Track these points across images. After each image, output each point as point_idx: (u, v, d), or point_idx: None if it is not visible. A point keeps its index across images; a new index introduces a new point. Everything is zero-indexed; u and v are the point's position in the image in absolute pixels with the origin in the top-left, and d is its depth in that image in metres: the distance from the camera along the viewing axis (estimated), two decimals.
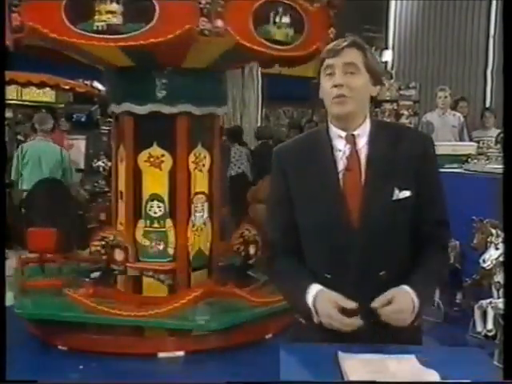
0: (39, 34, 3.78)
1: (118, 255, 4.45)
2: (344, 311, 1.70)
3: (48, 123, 6.47)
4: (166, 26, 3.72)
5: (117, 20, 3.69)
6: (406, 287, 1.74)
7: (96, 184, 7.55)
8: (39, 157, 6.21)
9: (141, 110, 4.39)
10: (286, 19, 4.06)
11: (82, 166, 7.74)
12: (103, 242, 4.47)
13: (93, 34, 3.73)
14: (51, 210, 5.83)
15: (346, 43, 1.80)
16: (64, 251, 5.18)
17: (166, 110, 4.38)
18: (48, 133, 6.44)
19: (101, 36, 3.73)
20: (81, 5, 3.77)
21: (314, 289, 1.77)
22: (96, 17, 3.70)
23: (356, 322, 1.69)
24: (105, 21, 3.69)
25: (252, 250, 4.69)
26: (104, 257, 4.48)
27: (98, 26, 3.71)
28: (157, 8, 3.71)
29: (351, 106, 1.80)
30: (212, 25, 3.68)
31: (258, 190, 5.24)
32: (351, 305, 1.70)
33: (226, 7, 3.77)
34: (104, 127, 8.33)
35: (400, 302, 1.70)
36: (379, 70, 1.89)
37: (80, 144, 8.09)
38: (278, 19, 4.03)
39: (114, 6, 3.68)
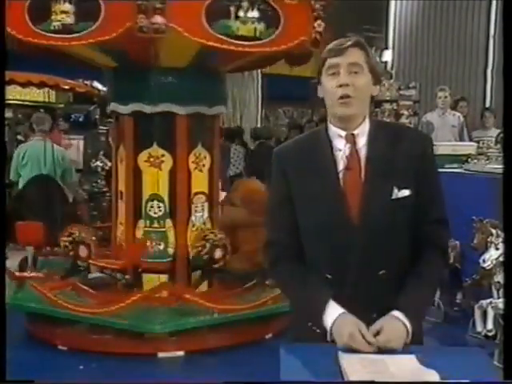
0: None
1: (82, 251, 4.50)
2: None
3: (46, 123, 6.46)
4: (109, 25, 3.79)
5: (70, 20, 3.81)
6: (395, 314, 1.74)
7: (94, 184, 7.55)
8: (38, 157, 6.21)
9: (148, 109, 4.39)
10: (252, 13, 3.89)
11: (80, 166, 7.73)
12: (70, 238, 4.52)
13: (51, 34, 3.83)
14: (41, 205, 5.84)
15: (350, 43, 1.80)
16: (52, 246, 5.18)
17: (167, 109, 4.38)
18: (46, 133, 6.44)
19: (57, 36, 3.83)
20: (40, 5, 3.86)
21: (334, 312, 1.76)
22: (52, 17, 3.82)
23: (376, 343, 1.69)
24: (60, 20, 3.81)
25: (218, 254, 4.53)
26: (71, 253, 4.54)
27: (54, 26, 3.82)
28: (102, 7, 3.78)
29: (355, 108, 1.81)
30: (149, 21, 3.66)
31: (232, 191, 5.13)
32: (371, 338, 1.69)
33: (172, 4, 3.74)
34: (102, 127, 8.33)
35: (388, 332, 1.70)
36: (379, 70, 1.90)
37: (78, 144, 8.08)
38: (241, 13, 3.88)
39: (67, 6, 3.81)
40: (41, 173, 6.18)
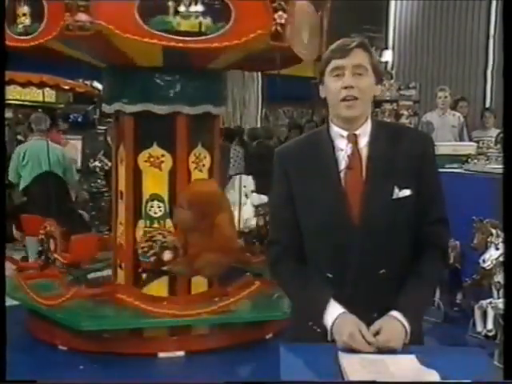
0: None
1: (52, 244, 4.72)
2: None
3: (44, 123, 6.45)
4: (49, 25, 3.83)
5: (28, 21, 3.93)
6: (394, 314, 1.75)
7: (93, 184, 7.55)
8: (38, 156, 6.20)
9: (161, 109, 4.38)
10: (196, 7, 3.78)
11: (78, 166, 7.72)
12: (43, 231, 4.79)
13: (17, 36, 3.95)
14: (50, 201, 5.85)
15: (354, 44, 1.80)
16: None
17: (166, 109, 4.38)
18: (45, 132, 6.42)
19: (21, 38, 3.96)
20: (10, 8, 3.96)
21: (335, 311, 1.77)
22: (17, 20, 3.96)
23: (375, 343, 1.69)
24: (22, 23, 3.94)
25: (168, 256, 4.44)
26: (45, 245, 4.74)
27: (20, 29, 3.96)
28: (45, 8, 3.82)
29: (360, 109, 1.82)
30: (73, 19, 3.66)
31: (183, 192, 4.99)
32: (370, 338, 1.69)
33: (102, 2, 3.73)
34: (100, 127, 8.33)
35: (387, 332, 1.71)
36: (381, 70, 1.91)
37: (77, 144, 8.07)
38: (182, 9, 3.78)
39: (25, 9, 3.93)
40: (44, 171, 6.16)
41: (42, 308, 4.41)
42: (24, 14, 3.91)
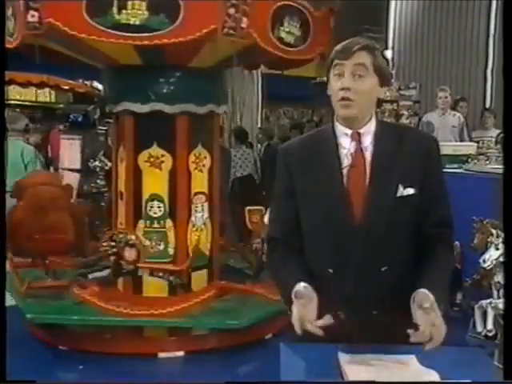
0: None
1: None
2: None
3: (19, 122, 6.40)
4: (18, 26, 3.88)
5: (12, 23, 3.97)
6: (422, 290, 1.73)
7: (93, 184, 7.53)
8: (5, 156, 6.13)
9: (170, 109, 4.38)
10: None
11: (78, 166, 7.69)
12: None
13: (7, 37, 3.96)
14: None
15: (357, 47, 1.81)
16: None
17: (166, 109, 4.38)
18: (21, 132, 6.37)
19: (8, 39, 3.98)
20: None
21: (299, 287, 1.77)
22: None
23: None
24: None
25: (129, 254, 4.43)
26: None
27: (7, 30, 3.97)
28: (15, 9, 3.88)
29: (356, 110, 1.82)
30: (26, 20, 3.73)
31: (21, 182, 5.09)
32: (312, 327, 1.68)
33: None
34: (101, 127, 8.31)
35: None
36: (387, 72, 1.90)
37: (76, 144, 8.04)
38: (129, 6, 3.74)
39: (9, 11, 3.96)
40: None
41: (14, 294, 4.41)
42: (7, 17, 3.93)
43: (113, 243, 4.35)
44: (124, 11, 3.73)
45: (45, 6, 3.72)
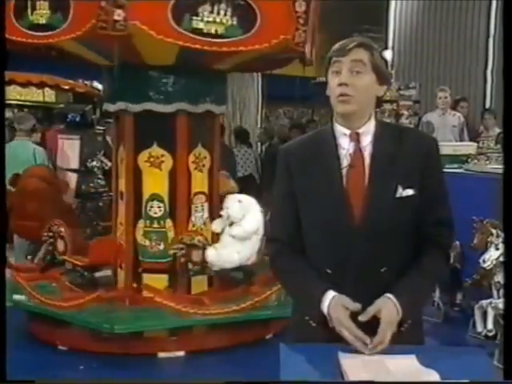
0: None
1: None
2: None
3: (27, 123, 6.40)
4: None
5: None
6: (389, 295, 1.76)
7: (91, 184, 7.52)
8: (13, 157, 6.13)
9: (163, 108, 4.39)
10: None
11: (76, 166, 7.68)
12: None
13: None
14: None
15: (354, 44, 1.81)
16: None
17: (162, 108, 4.38)
18: (28, 132, 6.37)
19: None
20: None
21: (330, 295, 1.78)
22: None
23: (365, 337, 1.70)
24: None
25: (60, 247, 4.69)
26: None
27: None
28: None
29: (354, 106, 1.82)
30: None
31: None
32: (355, 306, 1.72)
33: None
34: (99, 127, 8.31)
35: (383, 313, 1.72)
36: (385, 71, 1.90)
37: (75, 144, 8.03)
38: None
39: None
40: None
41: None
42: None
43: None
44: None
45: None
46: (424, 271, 1.84)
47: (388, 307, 1.74)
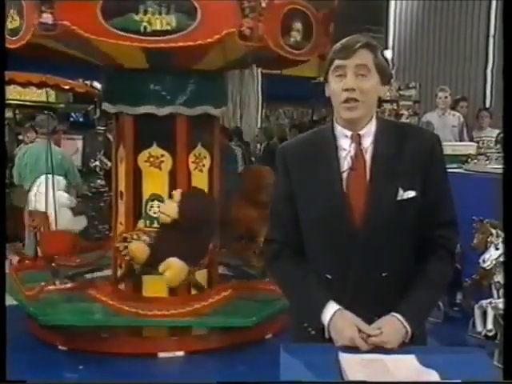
0: None
1: None
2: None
3: (48, 124, 6.43)
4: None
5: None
6: (396, 315, 1.74)
7: (92, 184, 7.54)
8: (36, 158, 6.17)
9: (160, 112, 4.38)
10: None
11: (79, 165, 7.70)
12: None
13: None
14: None
15: (358, 45, 1.75)
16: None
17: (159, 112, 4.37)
18: (48, 134, 6.40)
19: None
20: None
21: (332, 308, 1.77)
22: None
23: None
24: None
25: None
26: None
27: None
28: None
29: (362, 111, 1.78)
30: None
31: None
32: (372, 331, 1.70)
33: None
34: (101, 127, 8.32)
35: (386, 333, 1.70)
36: (388, 70, 1.85)
37: (77, 144, 8.06)
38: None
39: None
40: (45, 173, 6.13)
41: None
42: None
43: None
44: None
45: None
46: (430, 280, 1.81)
47: (394, 326, 1.72)
